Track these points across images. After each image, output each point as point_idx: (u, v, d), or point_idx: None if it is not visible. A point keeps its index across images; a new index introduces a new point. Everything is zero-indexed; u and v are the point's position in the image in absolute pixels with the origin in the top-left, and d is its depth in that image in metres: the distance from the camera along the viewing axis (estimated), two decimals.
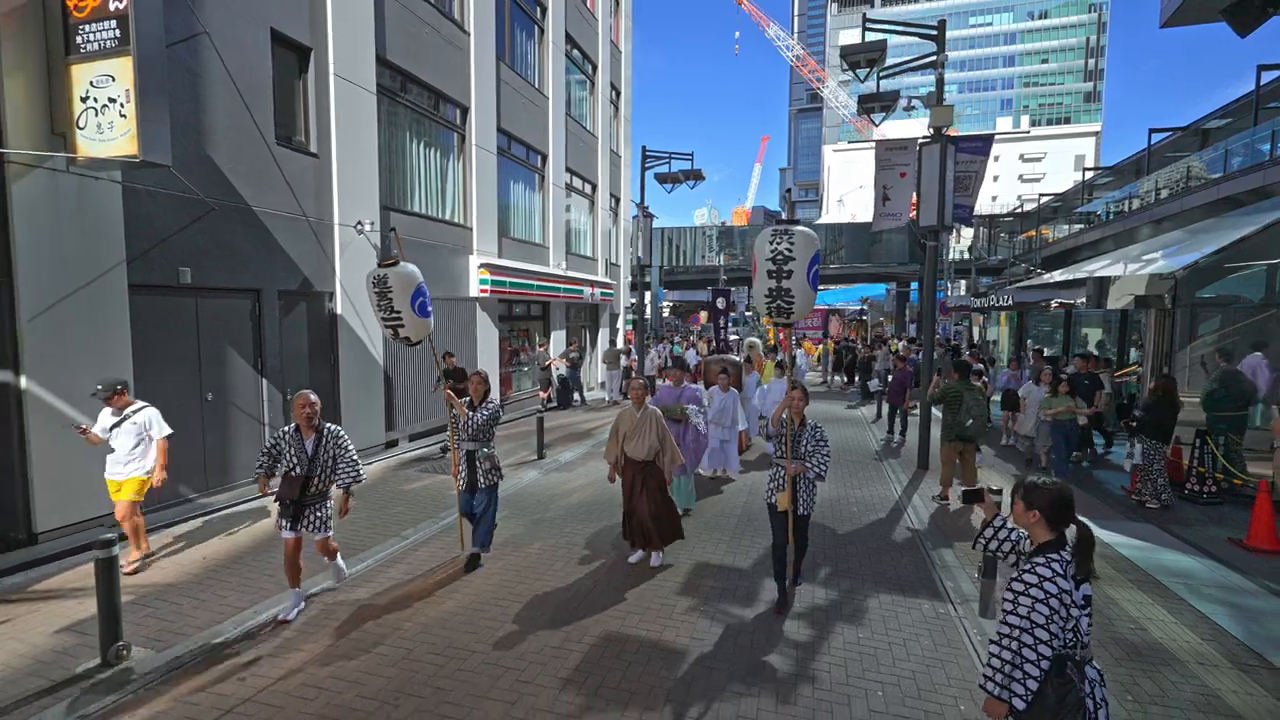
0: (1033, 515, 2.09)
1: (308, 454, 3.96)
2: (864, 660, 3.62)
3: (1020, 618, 1.94)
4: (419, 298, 4.65)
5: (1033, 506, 2.08)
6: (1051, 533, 2.06)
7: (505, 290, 11.80)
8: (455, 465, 4.81)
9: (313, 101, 7.75)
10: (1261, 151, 14.25)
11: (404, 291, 4.55)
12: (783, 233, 4.02)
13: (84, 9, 4.79)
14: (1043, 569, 1.95)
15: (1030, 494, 2.10)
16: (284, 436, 3.99)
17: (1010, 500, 2.19)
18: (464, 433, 4.77)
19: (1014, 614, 1.97)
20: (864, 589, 4.57)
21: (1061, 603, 1.91)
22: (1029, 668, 1.90)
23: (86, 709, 3.08)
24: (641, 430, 4.76)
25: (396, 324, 4.64)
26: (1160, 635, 3.92)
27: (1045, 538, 2.07)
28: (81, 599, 4.22)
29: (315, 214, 7.78)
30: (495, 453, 4.89)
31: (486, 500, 4.81)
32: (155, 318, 5.94)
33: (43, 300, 4.98)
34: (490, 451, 4.83)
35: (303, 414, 3.99)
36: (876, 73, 7.71)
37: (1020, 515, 2.13)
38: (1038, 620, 1.90)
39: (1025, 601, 1.94)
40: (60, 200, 5.07)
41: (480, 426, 4.74)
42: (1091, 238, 20.71)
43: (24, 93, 4.82)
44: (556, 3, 14.28)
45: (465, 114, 11.03)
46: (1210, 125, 19.85)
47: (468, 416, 4.74)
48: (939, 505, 6.63)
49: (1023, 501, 2.12)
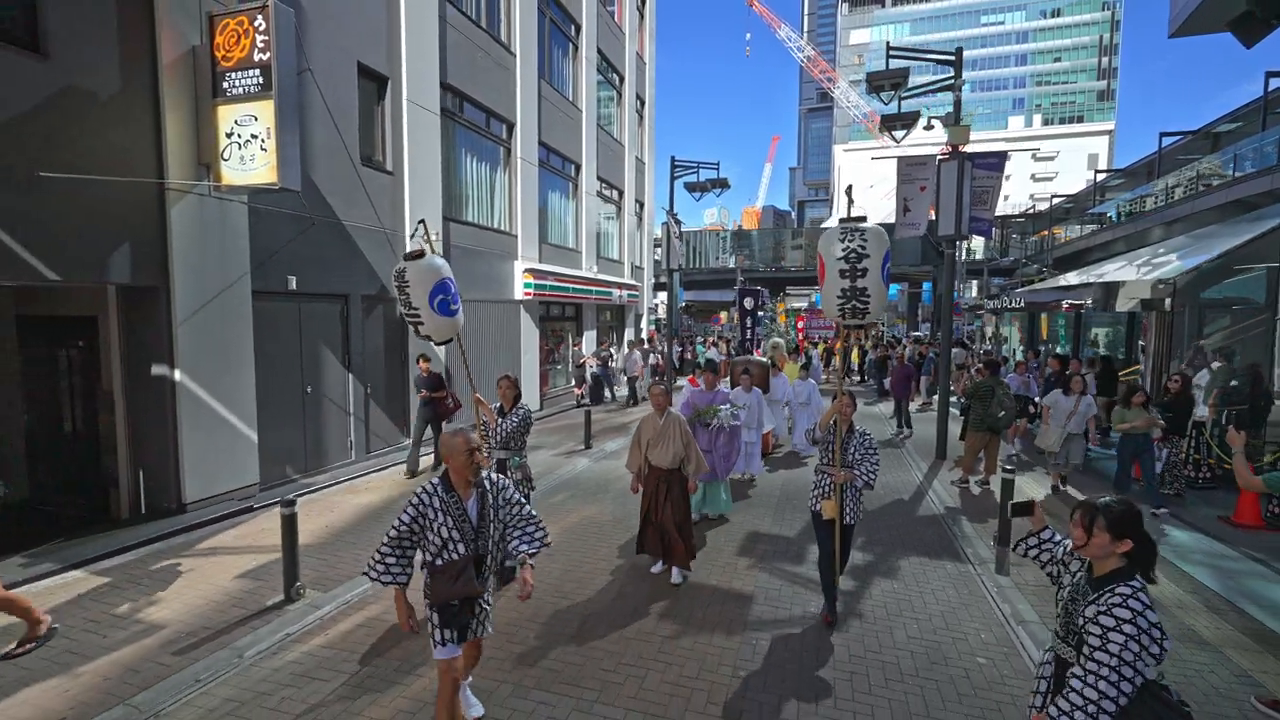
0: (1124, 544, 1.90)
1: (472, 523, 2.67)
2: (900, 604, 4.39)
3: (1111, 654, 1.76)
4: (439, 294, 4.28)
5: (1123, 535, 1.90)
6: (1126, 559, 1.91)
7: (546, 293, 12.64)
8: None
9: (389, 124, 8.62)
10: (1269, 155, 14.78)
11: (422, 286, 4.21)
12: (854, 231, 3.87)
13: (230, 59, 5.65)
14: (1134, 602, 1.79)
15: (1118, 522, 1.90)
16: (426, 503, 2.62)
17: (1078, 520, 1.98)
18: (494, 440, 4.51)
19: (1104, 650, 1.78)
20: (895, 553, 5.33)
21: (1152, 638, 1.76)
22: (1106, 704, 1.75)
23: (289, 629, 3.92)
24: (666, 437, 4.60)
25: (415, 320, 4.35)
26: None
27: (1120, 564, 1.91)
28: (242, 554, 5.07)
29: (390, 226, 8.64)
30: (528, 462, 4.59)
31: None
32: (269, 320, 6.81)
33: (191, 306, 5.86)
34: (523, 460, 4.55)
35: (463, 460, 2.61)
36: (899, 95, 8.44)
37: (1105, 545, 1.92)
38: (1127, 659, 1.73)
39: (1117, 638, 1.76)
40: (204, 220, 5.95)
41: (511, 433, 4.49)
42: (1103, 239, 21.20)
43: (179, 129, 5.69)
44: (589, 21, 15.10)
45: (511, 129, 11.87)
46: (1220, 129, 20.31)
47: (497, 423, 4.49)
48: (960, 489, 7.38)
49: (1109, 533, 1.91)
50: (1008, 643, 3.90)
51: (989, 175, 8.82)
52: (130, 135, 5.40)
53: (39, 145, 4.74)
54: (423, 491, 2.60)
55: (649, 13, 20.04)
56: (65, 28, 4.92)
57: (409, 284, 4.23)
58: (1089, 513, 1.94)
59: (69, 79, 4.95)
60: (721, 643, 3.84)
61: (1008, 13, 78.28)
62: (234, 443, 6.27)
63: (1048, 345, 19.27)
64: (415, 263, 4.23)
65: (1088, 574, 2.00)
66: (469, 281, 10.40)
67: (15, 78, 4.63)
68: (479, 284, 10.73)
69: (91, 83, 5.11)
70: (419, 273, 4.20)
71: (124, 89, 5.33)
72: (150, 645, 3.70)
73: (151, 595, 4.35)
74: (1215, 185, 15.48)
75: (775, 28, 79.17)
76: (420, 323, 4.33)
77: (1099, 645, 1.78)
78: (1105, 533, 1.90)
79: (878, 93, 8.28)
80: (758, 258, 34.41)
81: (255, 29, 5.53)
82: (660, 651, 3.73)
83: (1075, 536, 1.97)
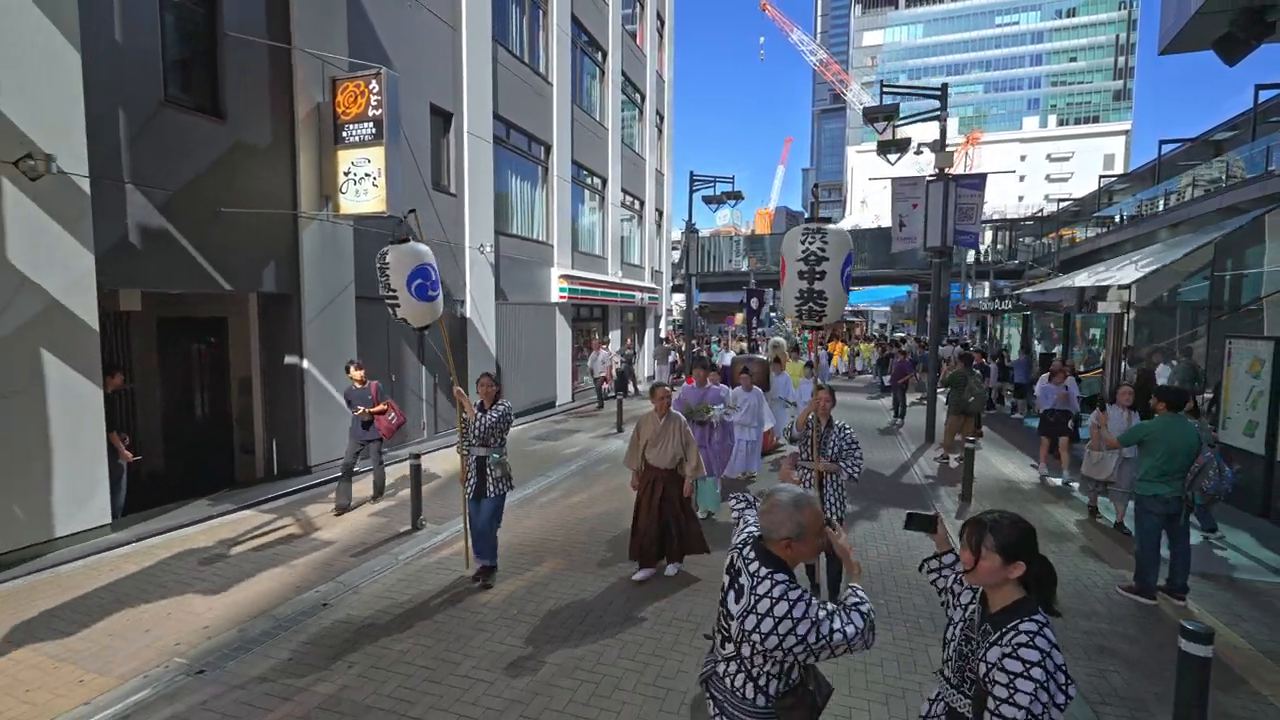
0: (1016, 569, 1.61)
1: None
2: (877, 534, 5.73)
3: (1020, 707, 1.45)
4: (418, 279, 4.39)
5: (1016, 558, 1.61)
6: (1024, 587, 1.63)
7: (577, 296, 14.09)
8: (464, 472, 4.57)
9: (453, 153, 10.11)
10: (1258, 163, 15.82)
11: (401, 270, 4.36)
12: (815, 231, 3.79)
13: (349, 114, 7.15)
14: (1041, 640, 1.51)
15: (1011, 543, 1.61)
16: None
17: (964, 540, 1.69)
18: (473, 436, 4.50)
19: (1010, 703, 1.47)
20: (877, 506, 6.66)
21: (1058, 684, 1.48)
22: None
23: (422, 546, 5.37)
24: (665, 437, 4.59)
25: (393, 303, 4.49)
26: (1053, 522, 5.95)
27: (1018, 595, 1.63)
28: (362, 501, 6.52)
29: (454, 239, 10.12)
30: (508, 460, 4.61)
31: (492, 510, 4.52)
32: (366, 319, 8.31)
33: (315, 309, 7.36)
34: (502, 458, 4.54)
35: None
36: (892, 125, 9.74)
37: (995, 570, 1.62)
38: (1036, 711, 1.44)
39: (1026, 686, 1.46)
40: (323, 240, 7.45)
41: (490, 429, 4.47)
42: (1109, 241, 22.13)
43: (308, 170, 7.20)
44: (614, 47, 16.53)
45: (548, 151, 13.34)
46: (1218, 137, 21.22)
47: (476, 418, 4.46)
48: (940, 463, 8.67)
49: (999, 554, 1.61)
50: None
51: (972, 194, 10.07)
52: (276, 176, 6.92)
53: (219, 187, 6.26)
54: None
55: (668, 34, 21.44)
56: (236, 97, 6.44)
57: (389, 267, 4.39)
58: (976, 530, 1.66)
59: (237, 135, 6.47)
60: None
61: (1022, 13, 78.32)
62: (342, 420, 7.74)
63: (1048, 343, 20.34)
64: (397, 247, 4.39)
65: (982, 609, 1.71)
66: (514, 286, 11.89)
67: (205, 137, 6.15)
68: (522, 289, 12.20)
69: (251, 137, 6.63)
70: (400, 256, 4.38)
71: (273, 141, 6.86)
72: (331, 552, 5.17)
73: (314, 525, 5.83)
74: (1208, 192, 16.53)
75: (788, 31, 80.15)
76: (397, 305, 4.47)
77: (1006, 697, 1.48)
78: (995, 554, 1.61)
79: (873, 123, 9.58)
80: (770, 259, 35.66)
81: (370, 90, 7.03)
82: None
83: (963, 559, 1.69)
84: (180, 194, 5.89)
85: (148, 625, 3.93)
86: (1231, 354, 6.65)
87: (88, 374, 5.12)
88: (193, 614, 4.09)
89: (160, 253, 5.76)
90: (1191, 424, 4.28)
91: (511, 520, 5.71)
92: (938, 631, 3.62)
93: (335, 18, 7.43)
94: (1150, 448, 4.20)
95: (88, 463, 5.14)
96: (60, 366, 4.94)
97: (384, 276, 4.43)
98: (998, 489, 7.37)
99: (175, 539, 5.39)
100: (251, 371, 7.52)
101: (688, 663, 3.60)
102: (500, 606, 4.28)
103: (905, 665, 3.64)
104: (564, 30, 13.56)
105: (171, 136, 5.81)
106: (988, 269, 28.97)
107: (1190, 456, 4.09)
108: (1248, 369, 6.34)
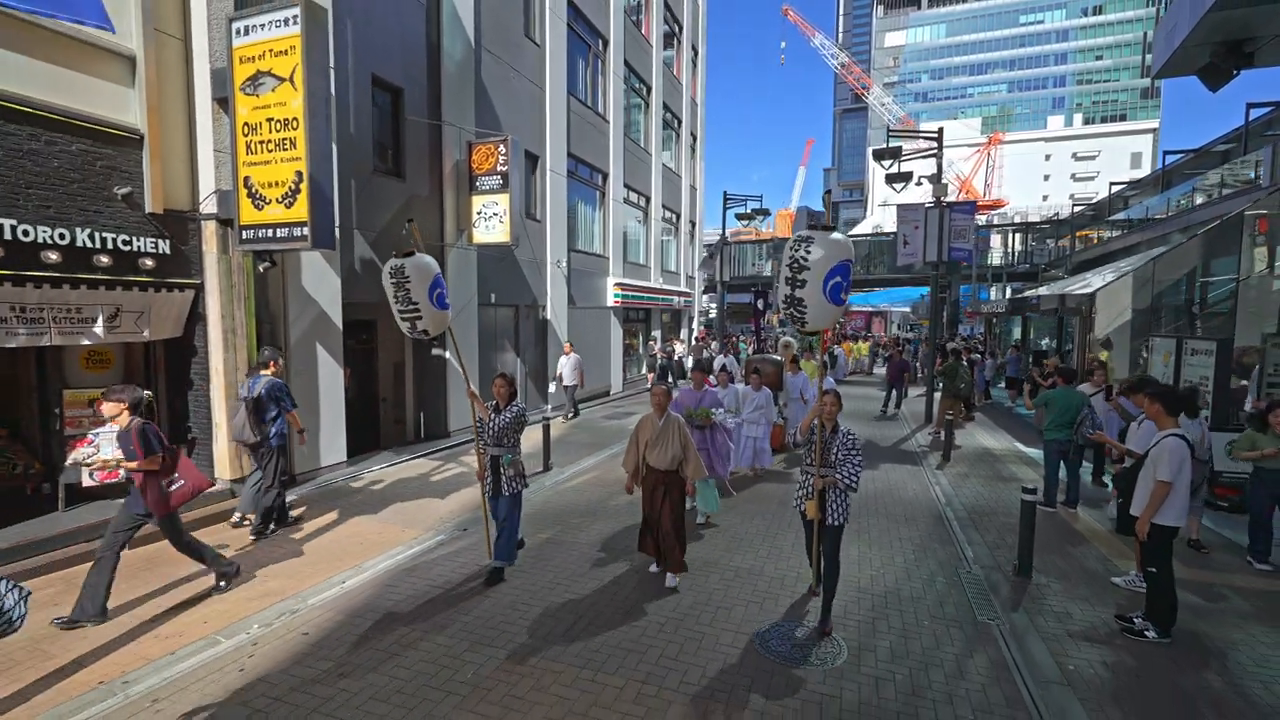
0: None
1: None
2: (874, 482, 7.95)
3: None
4: (436, 289, 4.47)
5: None
6: None
7: (628, 301, 16.47)
8: (481, 470, 4.70)
9: (538, 187, 12.56)
10: (1249, 177, 17.48)
11: (422, 282, 4.38)
12: (802, 239, 3.88)
13: (482, 169, 9.61)
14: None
15: None
16: None
17: None
18: (488, 437, 4.61)
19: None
20: (878, 464, 8.88)
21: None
22: None
23: (555, 478, 7.76)
24: (664, 438, 4.57)
25: (414, 316, 4.46)
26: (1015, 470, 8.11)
27: None
28: None
29: (538, 256, 12.58)
30: (521, 459, 4.69)
31: (508, 509, 4.65)
32: (485, 322, 10.79)
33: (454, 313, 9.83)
34: (515, 458, 4.62)
35: None
36: (898, 162, 11.87)
37: None
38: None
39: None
40: (459, 262, 9.94)
41: (504, 430, 4.56)
42: (1121, 244, 23.58)
43: (451, 211, 9.69)
44: (656, 81, 18.87)
45: (606, 178, 15.75)
46: (1220, 148, 22.68)
47: (490, 419, 4.57)
48: (933, 436, 10.83)
49: None
50: (926, 487, 7.47)
51: (964, 218, 12.16)
52: (431, 216, 9.42)
53: (398, 227, 8.77)
54: None
55: (701, 62, 23.70)
56: (410, 162, 8.95)
57: (409, 279, 4.31)
58: None
59: (411, 190, 8.97)
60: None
61: (1047, 11, 78.14)
62: None
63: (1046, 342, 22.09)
64: (413, 259, 4.35)
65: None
66: (580, 293, 14.31)
67: (393, 193, 8.66)
68: (586, 296, 14.62)
69: (418, 189, 9.13)
70: (418, 269, 4.35)
71: (429, 192, 9.36)
72: None
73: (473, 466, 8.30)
74: (1202, 203, 18.21)
75: (809, 36, 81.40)
76: (419, 317, 4.43)
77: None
78: None
79: (880, 161, 11.73)
80: None
81: (499, 152, 9.48)
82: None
83: None
84: (380, 235, 8.40)
85: (416, 511, 6.41)
86: (1153, 348, 8.71)
87: (337, 360, 7.65)
88: (439, 505, 6.58)
89: (368, 276, 8.28)
90: (1078, 392, 6.44)
91: (602, 473, 8.07)
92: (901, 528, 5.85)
93: (467, 95, 9.90)
94: (1051, 407, 6.39)
95: (335, 420, 7.66)
96: (325, 356, 7.47)
97: (403, 290, 4.38)
98: (975, 455, 9.53)
99: (388, 472, 7.91)
100: (404, 360, 10.04)
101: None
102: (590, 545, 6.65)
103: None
104: (618, 74, 15.95)
105: (377, 194, 8.32)
106: (1001, 272, 30.50)
107: (1076, 412, 6.26)
108: (1162, 360, 8.41)
